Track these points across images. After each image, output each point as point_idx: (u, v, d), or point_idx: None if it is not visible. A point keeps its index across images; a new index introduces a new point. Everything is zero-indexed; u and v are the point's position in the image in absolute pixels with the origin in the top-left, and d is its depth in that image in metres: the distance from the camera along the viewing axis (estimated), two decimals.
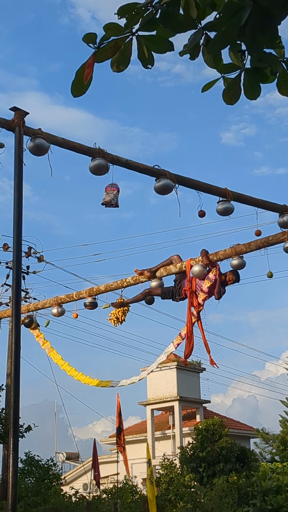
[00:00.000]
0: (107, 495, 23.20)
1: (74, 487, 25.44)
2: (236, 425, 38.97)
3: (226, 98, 4.57)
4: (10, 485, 6.37)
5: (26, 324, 12.54)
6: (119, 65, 4.48)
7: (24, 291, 25.54)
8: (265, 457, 33.62)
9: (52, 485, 23.97)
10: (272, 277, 10.05)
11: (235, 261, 9.86)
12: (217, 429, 29.28)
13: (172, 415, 36.99)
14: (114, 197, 8.19)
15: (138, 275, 10.72)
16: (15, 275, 6.81)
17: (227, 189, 8.90)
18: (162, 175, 8.22)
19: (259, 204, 9.33)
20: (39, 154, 7.24)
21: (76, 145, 7.72)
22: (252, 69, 4.39)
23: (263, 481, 16.71)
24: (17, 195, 6.87)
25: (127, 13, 4.05)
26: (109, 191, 8.20)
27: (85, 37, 4.37)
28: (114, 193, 8.19)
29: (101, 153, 7.71)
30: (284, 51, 4.38)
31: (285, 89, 4.53)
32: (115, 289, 11.30)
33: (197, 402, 37.86)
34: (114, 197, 8.19)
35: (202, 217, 8.89)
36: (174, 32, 4.18)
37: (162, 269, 10.65)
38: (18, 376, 6.50)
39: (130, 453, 32.74)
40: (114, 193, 8.19)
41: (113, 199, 8.18)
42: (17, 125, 7.05)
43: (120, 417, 21.45)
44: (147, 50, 4.34)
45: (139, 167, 8.19)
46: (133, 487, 23.95)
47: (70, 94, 4.81)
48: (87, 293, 11.52)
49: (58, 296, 11.99)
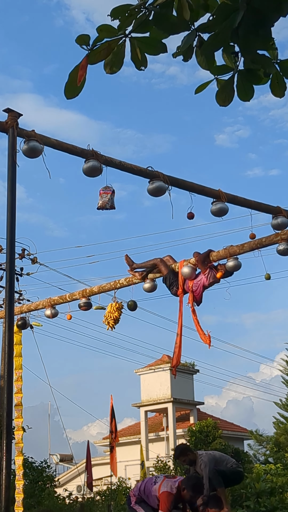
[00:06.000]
0: (100, 497, 23.19)
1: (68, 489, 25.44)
2: (230, 427, 38.97)
3: (219, 100, 4.58)
4: (4, 487, 6.35)
5: (20, 325, 12.51)
6: (113, 67, 4.47)
7: (18, 292, 25.52)
8: (259, 459, 33.65)
9: (46, 487, 23.95)
10: (269, 279, 10.05)
11: (230, 263, 9.85)
12: (211, 430, 29.31)
13: (165, 416, 36.98)
14: (108, 200, 8.18)
15: (130, 270, 10.66)
16: (8, 277, 6.80)
17: (221, 191, 8.90)
18: (155, 176, 8.21)
19: (253, 206, 9.33)
20: (33, 156, 7.24)
21: (69, 147, 7.72)
22: (245, 71, 4.39)
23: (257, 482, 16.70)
24: (10, 197, 6.86)
25: (120, 14, 4.05)
26: (103, 194, 8.20)
27: (78, 38, 4.37)
28: (108, 196, 8.18)
29: (94, 154, 7.71)
30: (277, 52, 4.39)
31: (278, 91, 4.54)
32: (108, 290, 11.29)
33: (191, 403, 37.87)
34: (108, 201, 8.18)
35: (191, 219, 8.85)
36: (167, 33, 4.18)
37: (155, 270, 10.64)
38: (11, 378, 6.49)
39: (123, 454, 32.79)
40: (108, 196, 8.19)
41: (107, 203, 8.17)
42: (11, 127, 7.04)
43: (113, 419, 21.43)
44: (140, 52, 4.34)
45: (132, 168, 8.19)
46: (127, 489, 23.94)
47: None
48: (81, 294, 11.50)
49: (51, 298, 11.96)
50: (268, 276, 10.03)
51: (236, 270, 9.94)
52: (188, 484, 9.09)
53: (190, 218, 8.84)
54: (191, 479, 9.34)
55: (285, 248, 9.35)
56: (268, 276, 10.03)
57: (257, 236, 9.70)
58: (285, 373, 35.56)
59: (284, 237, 9.36)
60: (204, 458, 10.40)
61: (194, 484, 9.11)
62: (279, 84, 4.52)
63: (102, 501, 22.70)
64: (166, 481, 9.28)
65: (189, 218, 8.84)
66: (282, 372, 35.77)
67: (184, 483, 9.12)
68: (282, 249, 9.38)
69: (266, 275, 10.03)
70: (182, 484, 9.09)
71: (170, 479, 9.35)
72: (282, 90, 4.59)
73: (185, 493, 9.03)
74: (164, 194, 8.24)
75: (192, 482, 9.18)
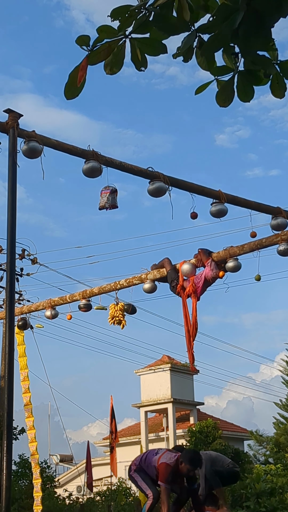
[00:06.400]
0: (100, 497, 23.18)
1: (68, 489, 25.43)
2: (230, 427, 38.95)
3: (219, 101, 4.58)
4: (4, 487, 6.36)
5: (20, 326, 12.53)
6: (113, 68, 4.48)
7: (18, 293, 25.51)
8: (259, 459, 33.60)
9: (46, 487, 23.94)
10: (259, 280, 10.03)
11: (230, 263, 9.86)
12: (211, 431, 29.29)
13: (165, 417, 36.97)
14: (108, 200, 8.20)
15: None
16: (8, 277, 6.80)
17: (221, 191, 8.91)
18: (155, 177, 8.22)
19: (253, 206, 9.34)
20: (32, 157, 7.25)
21: (70, 147, 7.73)
22: (246, 72, 4.40)
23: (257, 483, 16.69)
24: (10, 197, 6.86)
25: (121, 15, 4.05)
26: (103, 194, 8.22)
27: (78, 39, 4.37)
28: (107, 195, 8.20)
29: (94, 155, 7.71)
30: (278, 53, 4.39)
31: (278, 92, 4.54)
32: (109, 291, 11.29)
33: (191, 404, 37.85)
34: (108, 200, 8.20)
35: (194, 219, 8.89)
36: (167, 34, 4.18)
37: (156, 271, 10.66)
38: (11, 379, 6.50)
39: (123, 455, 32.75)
40: (107, 195, 8.20)
41: (106, 202, 8.19)
42: (11, 127, 7.05)
43: (113, 419, 21.42)
44: (140, 53, 4.34)
45: (132, 169, 8.20)
46: (127, 489, 23.94)
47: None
48: (81, 295, 11.51)
49: (51, 299, 11.97)
50: (259, 277, 10.02)
51: (236, 271, 9.94)
52: (185, 457, 9.22)
53: (193, 218, 8.88)
54: (189, 452, 9.52)
55: (285, 248, 9.36)
56: (258, 277, 10.02)
57: (257, 236, 9.71)
58: (285, 374, 35.52)
59: (284, 237, 9.37)
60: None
61: (191, 457, 9.24)
62: (279, 85, 4.53)
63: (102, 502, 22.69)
64: (167, 453, 9.48)
65: (192, 218, 8.87)
66: (282, 372, 35.74)
67: (182, 456, 9.27)
68: (282, 250, 9.39)
69: (257, 276, 10.02)
70: (180, 458, 9.22)
71: (171, 453, 9.53)
72: (282, 91, 4.60)
73: (183, 466, 9.16)
74: (164, 194, 8.25)
75: (189, 455, 9.33)
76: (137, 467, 9.71)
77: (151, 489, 9.45)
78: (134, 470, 9.75)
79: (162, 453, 9.51)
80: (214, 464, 10.61)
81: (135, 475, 9.71)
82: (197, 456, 9.42)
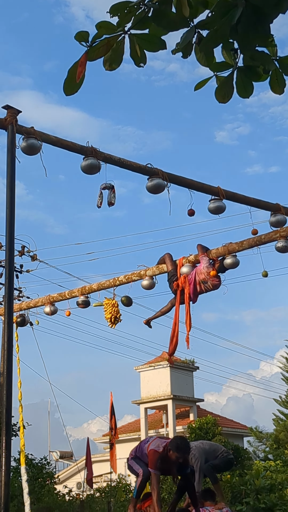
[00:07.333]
0: (100, 493, 23.21)
1: (67, 486, 25.45)
2: (230, 424, 39.00)
3: (218, 97, 4.58)
4: (3, 484, 6.36)
5: (19, 323, 12.52)
6: (112, 64, 4.47)
7: (17, 289, 25.51)
8: (259, 456, 33.67)
9: (45, 484, 23.97)
10: (267, 276, 10.03)
11: (228, 260, 9.83)
12: (211, 427, 29.32)
13: (165, 413, 37.01)
14: (100, 198, 8.19)
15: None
16: (7, 274, 6.79)
17: (220, 188, 8.90)
18: (154, 173, 8.21)
19: (252, 203, 9.33)
20: (31, 153, 7.23)
21: (69, 144, 7.71)
22: (245, 68, 4.39)
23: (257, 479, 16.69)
24: (9, 194, 6.85)
25: (120, 11, 4.05)
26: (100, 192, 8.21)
27: (77, 35, 4.37)
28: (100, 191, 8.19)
29: (93, 151, 7.70)
30: (277, 49, 4.39)
31: (278, 88, 4.54)
32: (108, 288, 11.29)
33: (191, 400, 37.88)
34: (100, 198, 8.19)
35: (191, 216, 8.88)
36: (166, 30, 4.18)
37: (155, 267, 10.65)
38: (10, 375, 6.49)
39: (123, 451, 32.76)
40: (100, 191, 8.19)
41: (99, 200, 8.19)
42: (10, 124, 7.04)
43: (113, 416, 21.44)
44: (140, 49, 4.34)
45: (131, 165, 8.19)
46: (127, 485, 23.96)
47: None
48: (80, 291, 11.50)
49: (50, 295, 11.96)
50: (266, 273, 10.01)
51: (234, 268, 9.92)
52: (173, 444, 9.29)
53: (190, 215, 8.87)
54: (176, 439, 9.56)
55: (284, 245, 9.35)
56: (265, 273, 10.01)
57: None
58: (285, 370, 35.57)
59: (283, 234, 9.36)
60: (194, 452, 10.57)
61: (178, 444, 9.29)
62: (278, 81, 4.53)
63: (102, 498, 22.71)
64: (156, 440, 9.60)
65: (190, 215, 8.87)
66: (282, 369, 35.79)
67: (170, 443, 9.35)
68: (281, 246, 9.38)
69: (264, 272, 10.01)
70: (169, 445, 9.30)
71: (160, 439, 9.65)
72: (281, 87, 4.60)
73: (171, 453, 9.25)
74: (163, 191, 8.24)
75: (176, 442, 9.37)
76: (134, 455, 9.94)
77: (142, 468, 9.61)
78: (131, 457, 9.99)
79: (152, 440, 9.68)
80: (208, 456, 10.68)
81: (131, 462, 9.95)
82: (183, 443, 9.45)
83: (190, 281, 9.96)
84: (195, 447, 10.72)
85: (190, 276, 9.99)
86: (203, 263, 9.88)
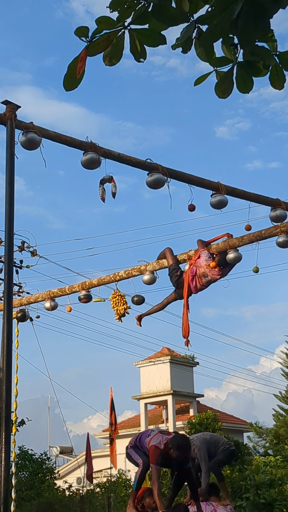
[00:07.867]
0: (100, 489, 23.23)
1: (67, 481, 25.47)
2: (230, 419, 39.04)
3: (218, 92, 4.57)
4: (2, 479, 6.37)
5: (19, 318, 12.52)
6: (112, 59, 4.47)
7: (17, 285, 25.53)
8: (259, 451, 33.71)
9: (45, 479, 24.02)
10: (257, 272, 9.97)
11: (231, 255, 9.81)
12: (211, 423, 29.36)
13: (165, 409, 37.05)
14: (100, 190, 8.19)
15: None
16: (7, 269, 6.79)
17: (220, 183, 8.89)
18: (154, 168, 8.20)
19: (252, 198, 9.32)
20: (31, 148, 7.23)
21: (68, 139, 7.70)
22: (245, 63, 4.39)
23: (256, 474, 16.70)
24: (8, 189, 6.85)
25: (119, 6, 4.04)
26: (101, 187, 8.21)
27: (77, 30, 4.36)
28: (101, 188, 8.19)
29: (93, 147, 7.69)
30: (277, 44, 4.39)
31: (278, 83, 4.54)
32: (108, 283, 11.28)
33: (191, 396, 37.91)
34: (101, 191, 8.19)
35: (192, 211, 8.88)
36: (166, 25, 4.17)
37: (155, 262, 10.64)
38: (10, 370, 6.50)
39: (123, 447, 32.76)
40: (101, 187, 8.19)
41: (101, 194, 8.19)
42: (9, 119, 7.03)
43: (113, 411, 21.44)
44: (140, 44, 4.34)
45: (131, 160, 8.18)
46: (127, 481, 23.98)
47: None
48: (80, 287, 11.50)
49: (50, 290, 11.95)
50: (257, 269, 9.95)
51: (237, 262, 9.90)
52: (173, 443, 9.26)
53: (191, 210, 8.86)
54: (177, 438, 9.50)
55: (285, 240, 9.34)
56: (256, 269, 9.95)
57: (257, 228, 9.68)
58: (285, 366, 35.59)
59: (284, 229, 9.35)
60: (196, 442, 10.58)
61: (179, 444, 9.27)
62: (278, 76, 4.52)
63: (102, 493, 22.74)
64: (158, 435, 9.52)
65: (190, 210, 8.86)
66: (282, 364, 35.81)
67: (170, 442, 9.32)
68: (282, 241, 9.36)
69: (255, 268, 9.95)
70: (169, 443, 9.28)
71: (162, 435, 9.58)
72: (281, 82, 4.59)
73: (172, 452, 9.24)
74: (163, 186, 8.23)
75: (177, 441, 9.34)
76: (133, 445, 9.89)
77: (142, 458, 9.59)
78: (130, 446, 9.93)
79: (153, 435, 9.60)
80: (210, 446, 10.68)
81: (130, 451, 9.88)
82: (184, 443, 9.44)
83: (192, 273, 9.97)
84: (196, 438, 10.73)
85: (192, 269, 10.01)
86: (202, 256, 9.88)
